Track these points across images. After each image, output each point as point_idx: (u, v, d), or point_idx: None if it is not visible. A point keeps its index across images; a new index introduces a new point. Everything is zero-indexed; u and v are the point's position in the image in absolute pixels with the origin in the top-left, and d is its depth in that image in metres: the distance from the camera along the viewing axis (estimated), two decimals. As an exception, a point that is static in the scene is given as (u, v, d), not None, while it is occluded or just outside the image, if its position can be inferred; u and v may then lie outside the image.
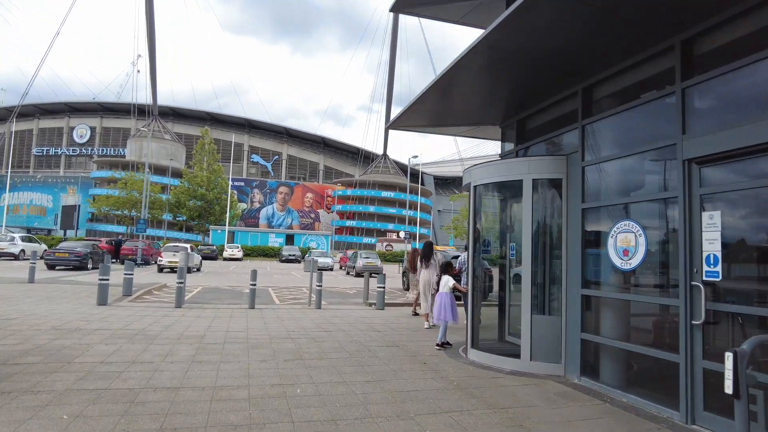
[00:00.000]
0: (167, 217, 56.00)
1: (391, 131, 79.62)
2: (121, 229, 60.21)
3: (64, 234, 72.36)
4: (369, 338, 7.75)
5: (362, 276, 27.83)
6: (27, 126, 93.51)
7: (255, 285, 11.80)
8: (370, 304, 13.28)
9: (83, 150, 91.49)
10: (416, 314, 11.12)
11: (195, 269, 26.71)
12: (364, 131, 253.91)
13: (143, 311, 10.09)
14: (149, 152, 77.91)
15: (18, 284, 14.40)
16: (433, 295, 8.63)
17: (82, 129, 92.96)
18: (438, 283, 8.46)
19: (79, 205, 76.04)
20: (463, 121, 8.22)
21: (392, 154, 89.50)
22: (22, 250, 29.36)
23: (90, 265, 23.97)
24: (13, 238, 30.26)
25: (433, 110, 7.86)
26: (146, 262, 29.54)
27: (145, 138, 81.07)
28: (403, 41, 77.65)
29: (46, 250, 24.26)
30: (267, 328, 8.37)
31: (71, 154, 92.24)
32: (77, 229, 74.98)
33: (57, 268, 23.24)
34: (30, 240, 32.18)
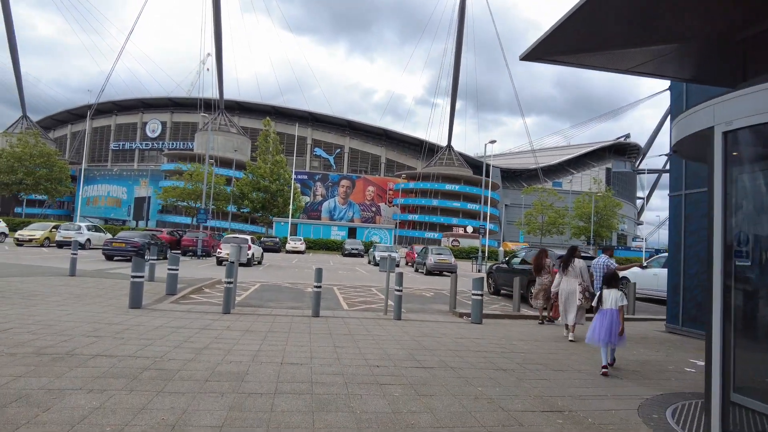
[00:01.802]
0: (231, 208, 55.76)
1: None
2: (188, 220, 60.93)
3: (136, 224, 74.87)
4: (498, 385, 5.00)
5: (434, 274, 25.23)
6: (105, 122, 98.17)
7: (320, 288, 9.37)
8: (461, 315, 10.54)
9: (155, 144, 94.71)
10: (542, 322, 10.18)
11: (256, 262, 25.07)
12: (427, 123, 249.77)
13: (180, 319, 7.90)
14: (215, 145, 79.46)
15: (57, 277, 12.87)
16: (582, 306, 8.42)
17: (153, 124, 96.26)
18: (584, 293, 8.32)
19: (150, 197, 78.47)
20: (644, 39, 5.26)
21: (456, 146, 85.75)
22: (88, 239, 29.03)
23: (148, 256, 22.77)
24: (79, 227, 30.05)
25: (595, 27, 4.99)
26: (207, 254, 28.38)
27: (212, 132, 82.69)
28: (467, 32, 73.55)
29: (105, 240, 23.46)
30: (338, 356, 5.85)
31: (144, 148, 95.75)
32: (148, 220, 77.49)
33: (115, 258, 22.22)
34: (97, 229, 31.99)
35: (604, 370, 5.78)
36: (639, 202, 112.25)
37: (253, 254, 23.36)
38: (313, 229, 52.13)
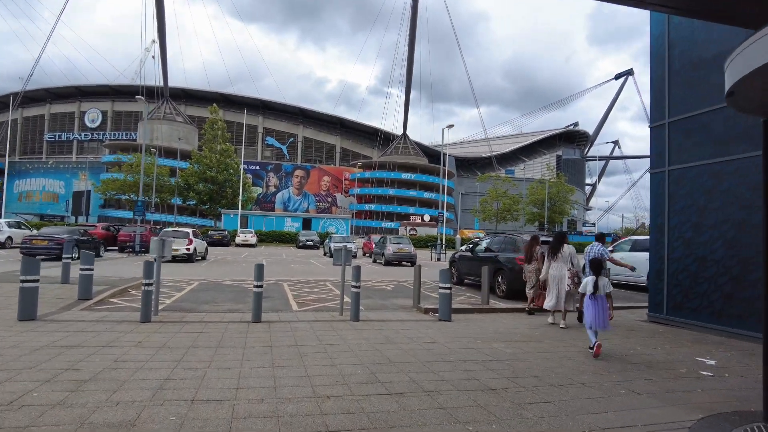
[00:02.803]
0: (176, 201, 52.61)
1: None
2: (131, 214, 57.17)
3: (76, 220, 69.84)
4: (494, 419, 3.67)
5: (393, 265, 24.00)
6: (38, 111, 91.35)
7: (261, 287, 7.86)
8: (426, 311, 9.29)
9: (95, 135, 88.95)
10: (531, 313, 9.59)
11: (200, 258, 23.09)
12: (382, 112, 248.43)
13: (79, 334, 6.24)
14: (159, 134, 75.19)
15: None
16: (571, 292, 8.33)
17: (93, 113, 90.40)
18: (573, 279, 8.20)
19: (89, 191, 73.47)
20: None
21: (411, 136, 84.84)
22: (9, 237, 26.10)
23: (76, 255, 20.38)
24: (-1, 224, 26.92)
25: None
26: (146, 250, 26.02)
27: (156, 121, 78.10)
28: (420, 22, 72.62)
29: (23, 238, 20.86)
30: (276, 383, 4.41)
31: (83, 139, 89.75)
32: (88, 215, 72.51)
33: (38, 257, 19.67)
34: (19, 226, 28.84)
35: (597, 351, 5.89)
36: (587, 188, 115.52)
37: (195, 249, 21.42)
38: (265, 220, 49.83)
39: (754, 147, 7.74)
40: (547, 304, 8.54)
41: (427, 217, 59.28)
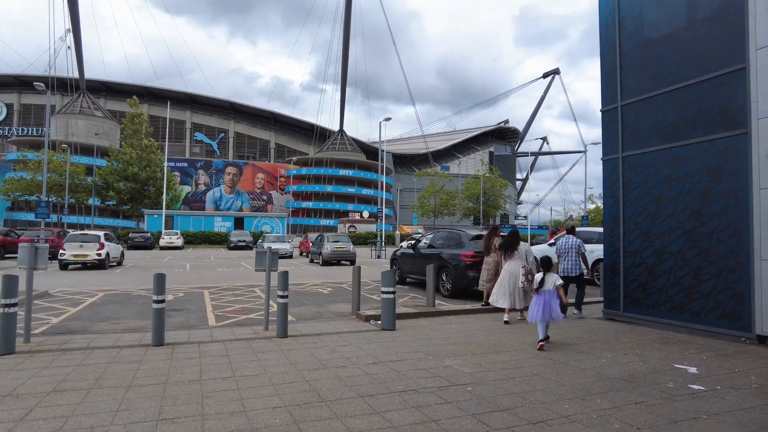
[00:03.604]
0: (94, 201, 48.26)
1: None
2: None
3: (-23, 224, 62.70)
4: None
5: (332, 264, 22.64)
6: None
7: (162, 302, 6.40)
8: (367, 318, 8.16)
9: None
10: (487, 304, 9.22)
11: (115, 263, 20.71)
12: (317, 109, 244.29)
13: None
14: (75, 130, 69.12)
15: None
16: (525, 290, 7.99)
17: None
18: (527, 276, 7.64)
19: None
20: None
21: (347, 132, 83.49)
22: None
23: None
24: None
25: None
26: (54, 256, 23.12)
27: (71, 115, 71.70)
28: (354, 19, 71.56)
29: None
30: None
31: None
32: (-10, 219, 65.36)
33: None
34: None
35: (540, 343, 6.19)
36: (518, 183, 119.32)
37: (108, 254, 19.08)
38: (193, 221, 46.70)
39: (714, 130, 7.22)
40: (503, 303, 8.17)
41: (366, 214, 58.28)
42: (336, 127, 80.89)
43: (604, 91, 9.20)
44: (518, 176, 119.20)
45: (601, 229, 16.74)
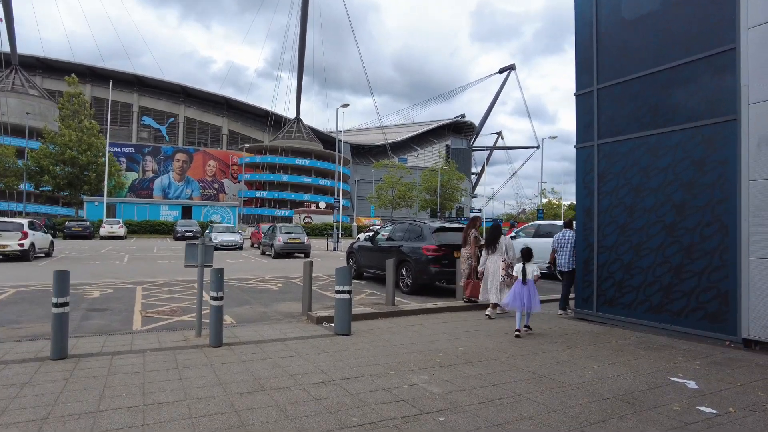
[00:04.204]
0: (28, 187, 44.61)
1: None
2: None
3: None
4: None
5: (285, 257, 21.40)
6: None
7: (64, 306, 5.22)
8: (319, 320, 7.20)
9: None
10: (469, 301, 8.73)
11: (42, 254, 18.75)
12: (272, 97, 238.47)
13: None
14: (6, 109, 63.87)
15: None
16: (505, 283, 7.67)
17: None
18: (506, 270, 7.64)
19: None
20: None
21: (305, 119, 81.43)
22: None
23: None
24: None
25: None
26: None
27: (3, 93, 66.22)
28: (311, 9, 69.38)
29: None
30: None
31: None
32: None
33: None
34: None
35: (516, 332, 6.47)
36: (473, 177, 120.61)
37: (32, 244, 17.16)
38: (138, 209, 44.00)
39: (700, 116, 6.67)
40: (491, 298, 7.90)
41: (322, 205, 56.89)
42: (292, 115, 78.76)
43: (578, 74, 8.54)
44: (473, 170, 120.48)
45: (560, 222, 16.48)
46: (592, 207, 8.03)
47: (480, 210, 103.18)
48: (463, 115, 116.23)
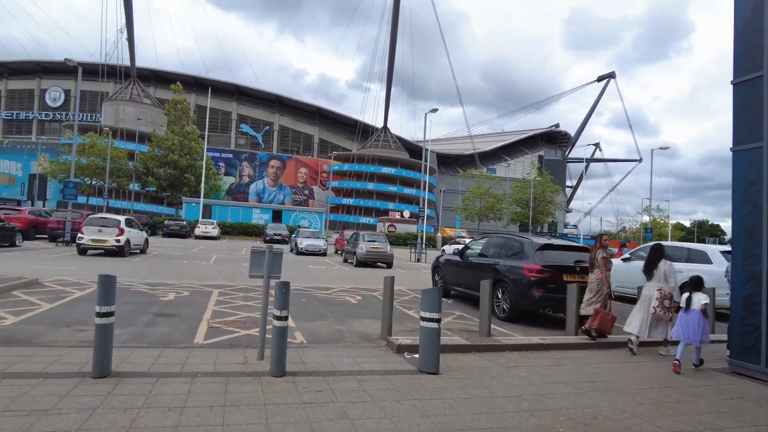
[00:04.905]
0: (135, 186, 48.30)
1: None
2: (95, 200, 52.43)
3: (32, 204, 64.71)
4: None
5: (366, 265, 20.42)
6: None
7: (109, 316, 4.51)
8: (400, 349, 6.04)
9: (57, 114, 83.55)
10: (589, 334, 7.25)
11: (138, 251, 19.45)
12: (360, 107, 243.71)
13: None
14: (125, 116, 70.33)
15: None
16: (657, 316, 6.67)
17: (55, 92, 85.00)
18: (661, 301, 6.58)
19: (43, 175, 68.37)
20: None
21: (392, 129, 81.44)
22: None
23: (-25, 243, 16.63)
24: None
25: None
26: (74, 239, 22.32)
27: (122, 102, 73.13)
28: (401, 20, 69.51)
29: None
30: None
31: (44, 119, 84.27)
32: (44, 200, 67.36)
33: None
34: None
35: (675, 364, 5.90)
36: (568, 190, 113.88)
37: (128, 241, 17.76)
38: (232, 211, 45.92)
39: None
40: (631, 327, 6.85)
41: (407, 214, 56.11)
42: (380, 125, 79.09)
43: (738, 56, 6.70)
44: (568, 183, 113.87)
45: (691, 245, 14.02)
46: (758, 226, 6.15)
47: (575, 226, 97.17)
48: (557, 125, 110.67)
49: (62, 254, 17.45)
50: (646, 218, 74.47)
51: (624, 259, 13.71)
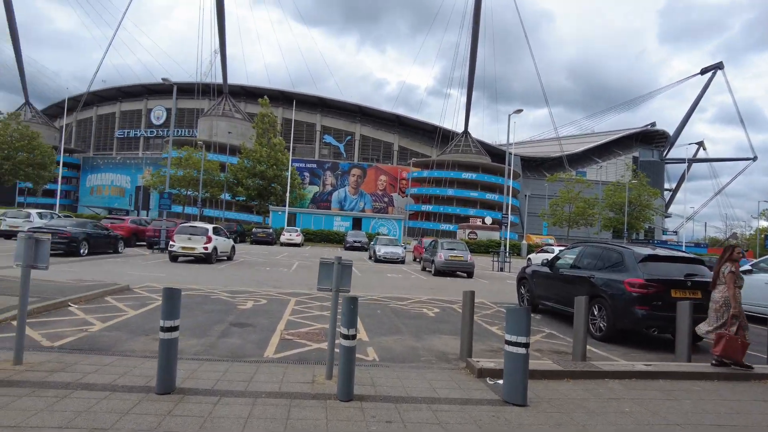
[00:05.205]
0: (225, 196, 51.16)
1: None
2: (190, 210, 56.41)
3: (138, 214, 71.10)
4: None
5: (445, 274, 19.32)
6: (110, 110, 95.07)
7: (174, 330, 4.34)
8: (481, 373, 5.40)
9: (160, 131, 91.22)
10: (721, 363, 6.03)
11: (225, 258, 20.25)
12: (440, 113, 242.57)
13: None
14: (217, 131, 75.22)
15: None
16: None
17: (158, 111, 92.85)
18: None
19: (146, 186, 74.70)
20: None
21: (473, 133, 79.78)
22: (38, 229, 24.56)
23: (85, 250, 18.11)
24: (28, 215, 25.54)
25: None
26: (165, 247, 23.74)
27: (215, 117, 78.40)
28: (482, 21, 68.04)
29: (28, 230, 18.91)
30: None
31: (149, 135, 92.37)
32: (148, 209, 73.63)
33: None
34: (52, 217, 27.45)
35: None
36: (666, 194, 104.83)
37: (215, 248, 18.50)
38: (314, 219, 47.14)
39: None
40: None
41: (489, 220, 54.44)
42: (460, 130, 77.78)
43: None
44: (666, 185, 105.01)
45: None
46: None
47: (675, 232, 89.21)
48: (653, 123, 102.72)
49: (157, 261, 18.54)
50: (764, 223, 66.53)
51: (746, 271, 11.94)
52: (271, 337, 6.94)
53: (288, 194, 45.26)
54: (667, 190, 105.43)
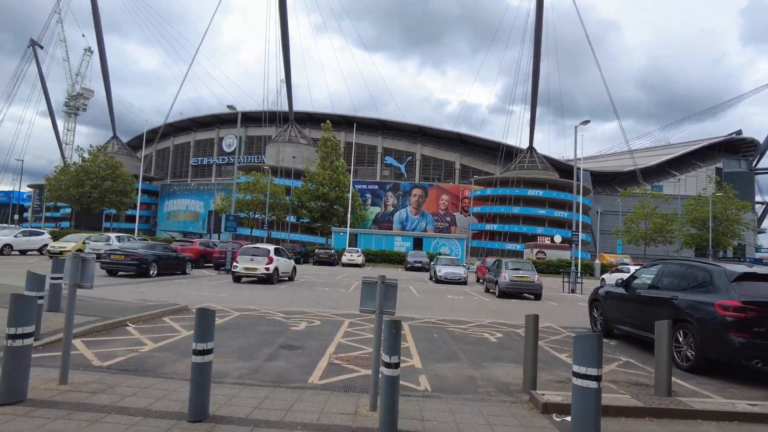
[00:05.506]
0: (291, 219, 52.50)
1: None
2: (258, 232, 58.37)
3: (209, 237, 74.75)
4: None
5: (511, 296, 17.91)
6: (185, 139, 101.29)
7: (208, 353, 4.09)
8: (546, 409, 4.74)
9: (231, 158, 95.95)
10: None
11: (286, 278, 20.41)
12: (502, 131, 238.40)
13: None
14: (284, 156, 77.93)
15: None
16: None
17: (229, 139, 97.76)
18: None
19: (215, 211, 78.31)
20: None
21: (538, 149, 77.26)
22: (116, 252, 26.11)
23: (154, 271, 18.88)
24: (108, 239, 27.27)
25: None
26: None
27: (281, 143, 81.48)
28: (544, 35, 66.45)
29: (104, 252, 20.01)
30: None
31: (221, 162, 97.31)
32: (219, 232, 77.04)
33: (119, 274, 18.49)
34: (128, 240, 29.14)
35: None
36: (758, 207, 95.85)
37: (276, 269, 18.67)
38: (375, 239, 47.09)
39: None
40: None
41: (558, 239, 51.99)
42: (524, 146, 75.66)
43: None
44: (757, 198, 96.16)
45: None
46: None
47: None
48: (739, 131, 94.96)
49: (221, 281, 18.97)
50: None
51: None
52: (318, 361, 6.61)
53: (349, 215, 45.65)
54: (759, 203, 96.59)
